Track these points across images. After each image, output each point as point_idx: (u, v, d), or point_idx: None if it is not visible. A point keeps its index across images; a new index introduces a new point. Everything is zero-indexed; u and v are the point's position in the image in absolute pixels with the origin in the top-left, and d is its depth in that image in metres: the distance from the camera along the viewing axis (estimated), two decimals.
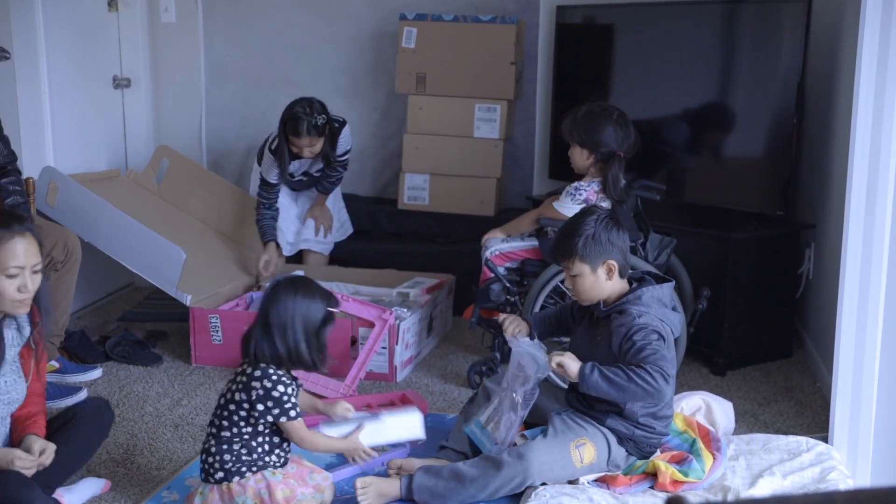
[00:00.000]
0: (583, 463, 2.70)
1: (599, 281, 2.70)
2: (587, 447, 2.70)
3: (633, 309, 2.66)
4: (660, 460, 2.76)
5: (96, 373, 3.66)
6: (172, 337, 4.03)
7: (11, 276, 2.40)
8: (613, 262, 2.69)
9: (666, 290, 2.74)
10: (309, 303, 2.56)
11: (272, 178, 4.20)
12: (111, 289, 4.73)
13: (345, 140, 4.23)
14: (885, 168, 2.72)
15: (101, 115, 4.66)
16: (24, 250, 2.42)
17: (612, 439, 2.74)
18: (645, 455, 2.78)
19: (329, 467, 2.89)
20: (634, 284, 2.76)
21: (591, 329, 2.78)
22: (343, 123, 4.21)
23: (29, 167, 3.87)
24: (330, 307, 2.60)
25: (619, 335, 2.64)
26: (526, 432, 2.81)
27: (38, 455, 2.45)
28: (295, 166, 4.24)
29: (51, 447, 2.49)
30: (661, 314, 2.68)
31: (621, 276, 2.72)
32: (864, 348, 2.82)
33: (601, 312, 2.73)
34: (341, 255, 4.52)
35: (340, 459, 2.96)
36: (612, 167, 3.32)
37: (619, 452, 2.75)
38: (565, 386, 2.96)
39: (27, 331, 2.55)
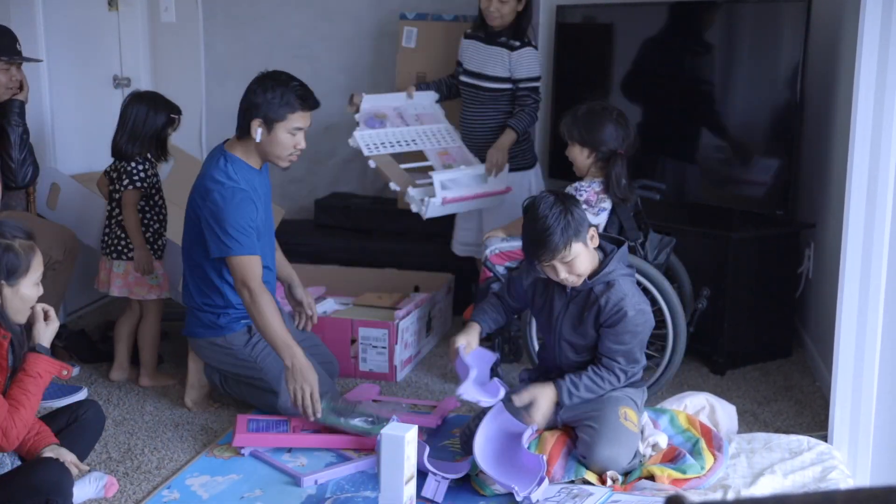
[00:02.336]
0: (634, 423, 2.84)
1: (590, 251, 2.81)
2: (628, 411, 2.84)
3: (621, 282, 2.81)
4: (653, 465, 2.76)
5: (81, 394, 3.43)
6: (173, 337, 4.03)
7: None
8: (592, 226, 2.82)
9: (625, 251, 2.90)
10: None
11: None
12: None
13: (531, 54, 3.99)
14: (885, 168, 2.72)
15: (101, 115, 4.65)
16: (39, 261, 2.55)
17: (624, 393, 2.89)
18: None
19: (329, 466, 2.91)
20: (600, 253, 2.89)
21: (571, 304, 2.87)
22: (532, 45, 4.01)
23: None
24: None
25: (609, 309, 2.79)
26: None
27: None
28: (466, 47, 4.07)
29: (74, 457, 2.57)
30: (631, 274, 2.88)
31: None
32: (864, 348, 2.82)
33: (586, 286, 2.82)
34: (342, 255, 4.52)
35: (339, 458, 2.97)
36: (615, 166, 3.32)
37: (638, 394, 2.94)
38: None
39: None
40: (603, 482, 2.72)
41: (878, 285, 2.78)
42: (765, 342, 3.88)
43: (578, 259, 2.76)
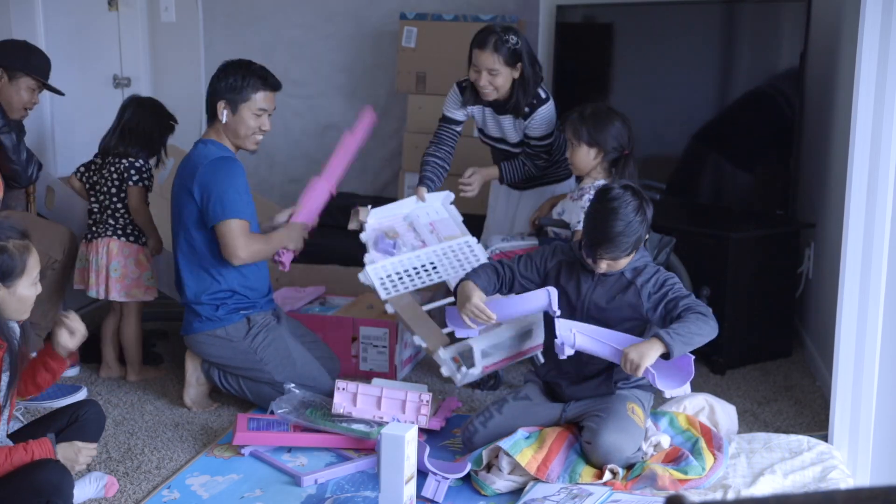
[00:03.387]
0: (640, 419, 2.88)
1: None
2: (635, 407, 2.89)
3: (649, 264, 2.91)
4: (655, 463, 2.76)
5: (81, 394, 3.45)
6: (172, 337, 4.03)
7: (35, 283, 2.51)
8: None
9: None
10: None
11: (449, 110, 3.68)
12: None
13: (542, 117, 3.53)
14: (885, 167, 2.72)
15: (101, 115, 4.65)
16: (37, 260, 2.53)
17: (632, 392, 2.96)
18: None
19: (329, 465, 2.91)
20: None
21: (599, 285, 2.90)
22: (545, 100, 3.55)
23: None
24: None
25: (651, 288, 2.85)
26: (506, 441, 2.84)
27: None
28: (479, 116, 3.68)
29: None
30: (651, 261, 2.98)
31: None
32: (864, 347, 2.82)
33: (616, 271, 2.89)
34: (340, 255, 4.51)
35: (339, 458, 2.97)
36: (628, 166, 3.32)
37: (646, 396, 3.00)
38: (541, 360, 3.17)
39: None
40: (600, 476, 2.72)
41: (878, 285, 2.78)
42: (765, 342, 3.88)
43: (625, 259, 2.85)
